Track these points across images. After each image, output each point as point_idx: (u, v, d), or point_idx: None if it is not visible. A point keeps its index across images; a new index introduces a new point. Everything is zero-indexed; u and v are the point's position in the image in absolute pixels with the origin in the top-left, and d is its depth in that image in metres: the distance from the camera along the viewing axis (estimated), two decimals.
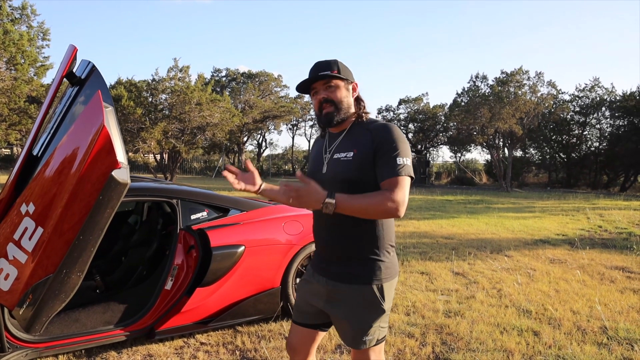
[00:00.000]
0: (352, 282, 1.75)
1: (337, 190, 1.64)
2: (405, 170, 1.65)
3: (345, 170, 1.72)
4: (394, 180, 1.63)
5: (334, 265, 1.79)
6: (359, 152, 1.71)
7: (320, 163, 1.84)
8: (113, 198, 2.21)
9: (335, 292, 1.79)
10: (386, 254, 1.77)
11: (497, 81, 23.21)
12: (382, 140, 1.68)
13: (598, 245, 7.52)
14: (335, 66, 1.78)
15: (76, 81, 2.42)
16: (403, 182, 1.63)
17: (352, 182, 1.70)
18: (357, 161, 1.70)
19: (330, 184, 1.72)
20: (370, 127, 1.75)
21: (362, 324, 1.76)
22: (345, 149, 1.76)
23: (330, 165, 1.79)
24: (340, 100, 1.77)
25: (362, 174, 1.70)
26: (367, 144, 1.71)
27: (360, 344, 1.77)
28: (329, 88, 1.78)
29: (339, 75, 1.76)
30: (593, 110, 27.61)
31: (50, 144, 2.37)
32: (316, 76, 1.76)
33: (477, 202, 15.05)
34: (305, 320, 1.91)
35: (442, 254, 6.39)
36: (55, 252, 2.19)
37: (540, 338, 3.44)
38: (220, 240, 3.19)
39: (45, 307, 2.24)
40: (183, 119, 17.36)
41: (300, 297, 1.94)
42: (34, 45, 13.04)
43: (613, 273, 5.52)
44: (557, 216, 11.42)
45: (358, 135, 1.76)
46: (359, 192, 1.65)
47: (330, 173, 1.77)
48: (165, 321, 3.11)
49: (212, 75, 34.02)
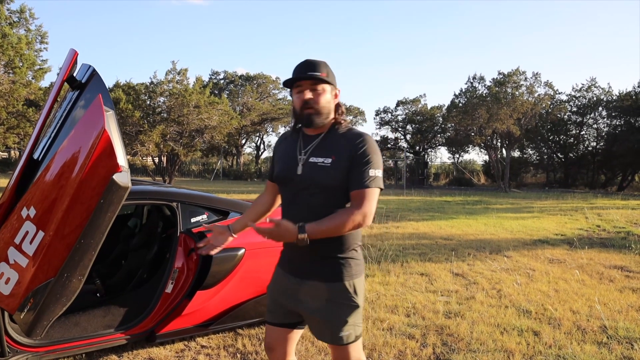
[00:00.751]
0: (325, 279, 1.79)
1: (314, 194, 1.76)
2: (375, 182, 1.73)
3: (324, 176, 1.75)
4: (364, 192, 1.71)
5: (306, 264, 1.83)
6: (337, 159, 1.76)
7: (294, 163, 1.84)
8: (114, 202, 2.21)
9: (307, 290, 1.82)
10: (354, 252, 1.83)
11: (495, 82, 23.29)
12: (359, 151, 1.74)
13: (597, 244, 7.54)
14: (325, 69, 1.81)
15: (77, 85, 2.42)
16: (372, 194, 1.72)
17: (330, 187, 1.76)
18: (336, 168, 1.75)
19: (305, 186, 1.79)
20: (348, 135, 1.80)
21: (338, 320, 1.79)
22: (322, 154, 1.79)
23: (306, 167, 1.80)
24: (324, 105, 1.80)
25: (339, 180, 1.75)
26: (345, 151, 1.75)
27: (339, 340, 1.80)
28: (315, 90, 1.79)
29: (328, 80, 1.80)
30: (590, 110, 27.70)
31: (51, 148, 2.37)
32: (307, 76, 1.78)
33: (475, 203, 15.07)
34: (278, 320, 1.94)
35: (441, 255, 6.40)
36: (56, 256, 2.19)
37: (540, 338, 3.45)
38: None
39: (47, 311, 2.24)
40: (181, 122, 17.36)
41: (270, 297, 1.98)
42: (32, 49, 13.02)
43: (612, 272, 5.53)
44: (556, 216, 11.45)
45: (336, 141, 1.80)
46: (335, 197, 1.76)
47: (307, 176, 1.79)
48: (166, 324, 3.10)
49: (210, 77, 34.06)
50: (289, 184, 1.85)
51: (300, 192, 1.81)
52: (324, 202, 1.77)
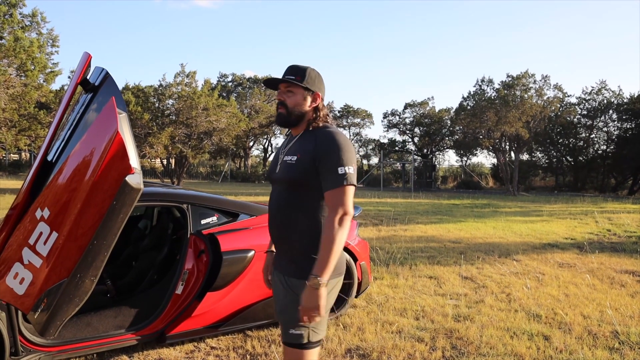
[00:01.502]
0: (291, 275, 1.83)
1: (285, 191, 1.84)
2: (347, 179, 1.72)
3: (288, 173, 1.83)
4: (336, 192, 1.72)
5: (282, 260, 1.89)
6: (301, 156, 1.81)
7: (276, 163, 1.95)
8: (126, 203, 2.23)
9: (282, 285, 1.87)
10: None
11: (503, 85, 23.18)
12: (324, 148, 1.77)
13: (607, 249, 7.47)
14: (300, 73, 1.86)
15: (90, 88, 2.45)
16: (344, 192, 1.72)
17: (295, 183, 1.82)
18: (299, 165, 1.80)
19: (279, 183, 1.89)
20: (317, 133, 1.84)
21: (291, 317, 1.79)
22: (292, 153, 1.86)
23: (281, 166, 1.89)
24: (293, 106, 1.86)
25: (302, 177, 1.79)
26: (310, 149, 1.80)
27: (286, 337, 1.79)
28: (288, 92, 1.87)
29: (297, 83, 1.84)
30: (600, 113, 27.46)
31: (64, 150, 2.40)
32: (275, 78, 1.88)
33: (484, 206, 14.99)
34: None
35: (450, 258, 6.38)
36: (70, 256, 2.22)
37: (551, 343, 3.43)
38: (231, 245, 3.21)
39: (60, 311, 2.26)
40: (190, 124, 17.46)
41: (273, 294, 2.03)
42: (43, 52, 13.18)
43: (623, 277, 5.48)
44: (565, 220, 11.36)
45: (306, 140, 1.86)
46: (301, 192, 1.81)
47: (279, 174, 1.88)
48: (176, 325, 3.12)
49: (219, 80, 34.24)
50: (272, 183, 1.97)
51: (277, 190, 1.92)
52: (291, 199, 1.83)
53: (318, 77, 1.92)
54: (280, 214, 1.86)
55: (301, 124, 1.90)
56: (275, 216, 1.89)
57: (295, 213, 1.82)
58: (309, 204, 1.81)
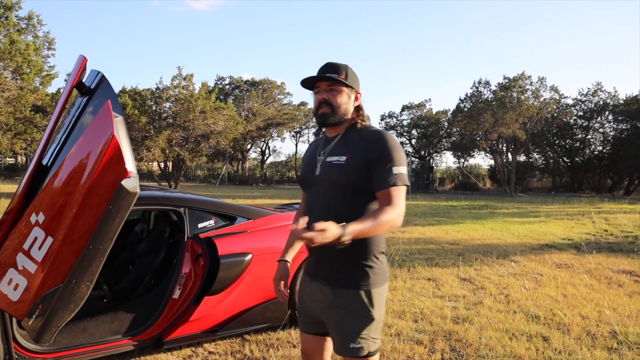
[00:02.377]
0: (342, 287, 1.74)
1: (331, 194, 1.74)
2: (400, 179, 1.68)
3: (337, 174, 1.74)
4: (390, 191, 1.66)
5: (326, 270, 1.79)
6: (352, 157, 1.73)
7: (313, 165, 1.85)
8: (122, 207, 2.21)
9: (327, 298, 1.78)
10: (375, 259, 1.76)
11: (500, 86, 23.23)
12: (377, 149, 1.70)
13: (604, 249, 7.48)
14: (343, 71, 1.80)
15: (86, 91, 2.43)
16: (399, 192, 1.67)
17: (344, 186, 1.73)
18: (350, 166, 1.72)
19: (323, 186, 1.78)
20: (364, 133, 1.78)
21: (351, 332, 1.72)
22: (338, 153, 1.78)
23: (323, 167, 1.80)
24: (339, 105, 1.79)
25: (355, 178, 1.71)
26: (361, 150, 1.73)
27: (346, 352, 1.72)
28: (331, 91, 1.79)
29: (344, 81, 1.78)
30: (596, 115, 27.56)
31: (60, 154, 2.38)
32: (322, 76, 1.79)
33: (481, 208, 15.00)
34: (308, 330, 1.91)
35: (448, 260, 6.37)
36: (65, 261, 2.19)
37: (549, 343, 3.42)
38: (228, 249, 3.19)
39: (55, 317, 2.23)
40: (187, 127, 17.41)
41: (300, 306, 1.95)
42: (39, 55, 13.13)
43: (621, 277, 5.48)
44: (562, 220, 11.38)
45: (352, 140, 1.78)
46: (351, 195, 1.72)
47: (323, 176, 1.79)
48: (173, 330, 3.10)
49: (216, 83, 34.19)
50: (310, 186, 1.86)
51: (319, 192, 1.80)
52: (340, 202, 1.74)
53: (356, 76, 1.87)
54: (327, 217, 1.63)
55: (343, 124, 1.82)
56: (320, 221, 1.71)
57: (345, 217, 1.66)
58: (359, 206, 1.73)
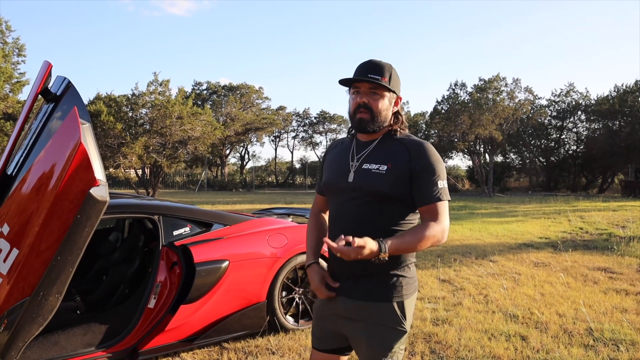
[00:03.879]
0: (372, 299, 1.64)
1: (365, 204, 1.63)
2: (444, 194, 1.63)
3: (378, 183, 1.62)
4: (436, 206, 1.61)
5: (352, 282, 1.67)
6: (393, 167, 1.62)
7: (345, 170, 1.71)
8: (92, 216, 2.14)
9: (352, 311, 1.67)
10: (407, 269, 1.68)
11: (476, 88, 23.61)
12: (422, 161, 1.62)
13: (580, 247, 7.63)
14: (387, 73, 1.67)
15: (52, 98, 2.36)
16: (443, 207, 1.62)
17: (384, 196, 1.62)
18: (391, 176, 1.61)
19: (357, 194, 1.65)
20: (406, 143, 1.66)
21: (382, 345, 1.62)
22: (377, 161, 1.65)
23: (358, 174, 1.67)
24: (379, 111, 1.66)
25: (395, 189, 1.61)
26: (403, 160, 1.62)
27: None
28: (373, 94, 1.66)
29: (388, 86, 1.66)
30: (569, 115, 28.25)
31: (25, 162, 2.30)
32: (366, 79, 1.64)
33: (460, 208, 15.17)
34: (323, 346, 1.80)
35: (427, 262, 6.40)
36: (32, 273, 2.12)
37: (528, 342, 3.45)
38: (204, 256, 3.13)
39: (22, 331, 2.16)
40: (164, 133, 17.21)
41: (315, 320, 1.83)
42: (9, 62, 12.81)
43: (596, 274, 5.59)
44: (539, 219, 11.58)
45: (392, 148, 1.67)
46: (387, 206, 1.63)
47: (359, 184, 1.66)
48: (149, 340, 3.03)
49: (193, 88, 33.90)
50: (339, 193, 1.72)
51: (351, 201, 1.67)
52: (375, 213, 1.63)
53: (398, 78, 1.72)
54: (360, 230, 1.56)
55: (382, 130, 1.71)
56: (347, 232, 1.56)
57: (378, 229, 1.60)
58: (394, 219, 1.64)
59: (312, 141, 40.68)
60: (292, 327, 3.58)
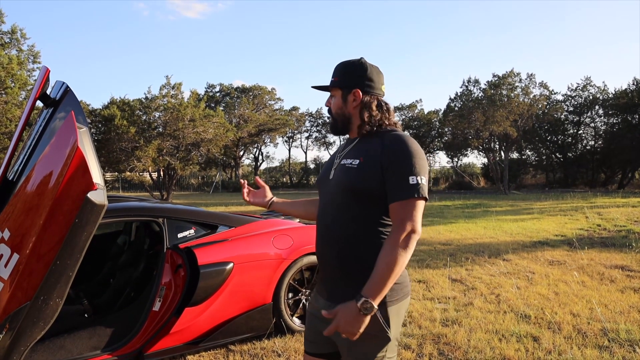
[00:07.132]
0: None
1: (340, 198, 1.59)
2: (418, 191, 1.48)
3: (348, 178, 1.58)
4: (404, 204, 1.48)
5: (337, 285, 1.62)
6: (365, 160, 1.57)
7: (329, 169, 1.74)
8: (90, 220, 2.14)
9: None
10: None
11: (490, 84, 23.32)
12: (394, 154, 1.53)
13: (597, 244, 7.45)
14: (339, 72, 1.67)
15: (50, 102, 2.37)
16: (414, 205, 1.48)
17: (356, 191, 1.57)
18: (362, 170, 1.56)
19: (334, 189, 1.64)
20: (383, 136, 1.61)
21: (363, 353, 1.55)
22: (352, 156, 1.63)
23: (336, 171, 1.67)
24: (335, 111, 1.69)
25: (367, 184, 1.55)
26: (376, 153, 1.56)
27: None
28: (331, 97, 1.71)
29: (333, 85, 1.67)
30: (587, 109, 27.74)
31: (25, 168, 2.31)
32: (315, 87, 1.71)
33: (475, 206, 14.99)
34: (314, 350, 1.74)
35: (439, 261, 6.32)
36: (32, 278, 2.13)
37: (539, 343, 3.36)
38: (208, 258, 3.12)
39: (24, 335, 2.17)
40: (177, 136, 17.35)
41: (307, 324, 1.78)
42: (24, 69, 13.05)
43: (613, 272, 5.45)
44: (556, 217, 11.37)
45: (370, 143, 1.62)
46: (361, 201, 1.56)
47: (336, 180, 1.64)
48: (154, 343, 3.02)
49: (206, 91, 34.16)
50: (322, 189, 1.74)
51: (330, 198, 1.66)
52: (352, 211, 1.58)
53: (359, 69, 1.66)
54: (334, 225, 1.58)
55: (353, 128, 1.68)
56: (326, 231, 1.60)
57: (352, 226, 1.57)
58: (369, 216, 1.56)
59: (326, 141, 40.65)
60: (298, 328, 3.55)
